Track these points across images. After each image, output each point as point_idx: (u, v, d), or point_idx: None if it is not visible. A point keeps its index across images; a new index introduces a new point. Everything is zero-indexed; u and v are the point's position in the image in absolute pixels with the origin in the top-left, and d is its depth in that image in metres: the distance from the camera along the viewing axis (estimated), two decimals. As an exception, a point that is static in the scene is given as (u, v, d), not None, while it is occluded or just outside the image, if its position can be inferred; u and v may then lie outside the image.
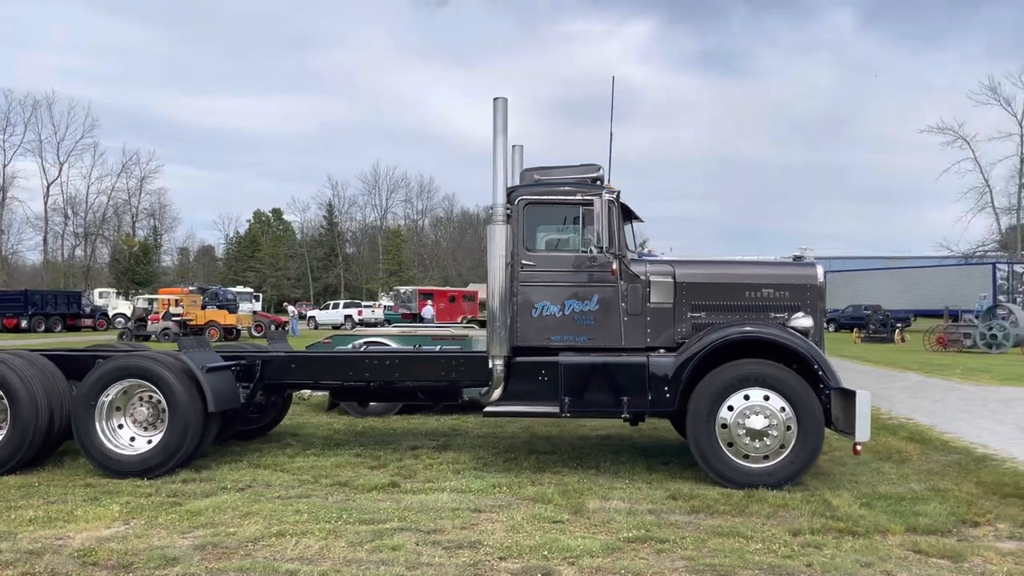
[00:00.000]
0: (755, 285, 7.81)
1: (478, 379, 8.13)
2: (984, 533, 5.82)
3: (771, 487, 7.00)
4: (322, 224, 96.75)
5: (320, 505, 6.44)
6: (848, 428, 7.15)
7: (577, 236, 7.86)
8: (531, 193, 7.84)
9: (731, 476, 7.13)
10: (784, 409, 7.11)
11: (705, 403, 7.19)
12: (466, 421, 11.04)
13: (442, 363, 8.23)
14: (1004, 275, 42.91)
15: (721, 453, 7.17)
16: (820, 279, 7.88)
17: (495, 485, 7.16)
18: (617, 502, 6.63)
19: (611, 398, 7.37)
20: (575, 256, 7.74)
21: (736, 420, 7.14)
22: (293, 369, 8.49)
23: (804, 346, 7.27)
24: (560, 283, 7.73)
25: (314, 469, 7.91)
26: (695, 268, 7.91)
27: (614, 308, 7.68)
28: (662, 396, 7.30)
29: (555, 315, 7.71)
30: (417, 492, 6.94)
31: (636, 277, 7.69)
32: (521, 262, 7.72)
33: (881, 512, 6.27)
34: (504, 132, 7.56)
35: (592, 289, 7.70)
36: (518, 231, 7.74)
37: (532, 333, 7.72)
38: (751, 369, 7.21)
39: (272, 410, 9.61)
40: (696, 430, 7.21)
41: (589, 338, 7.68)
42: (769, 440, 7.09)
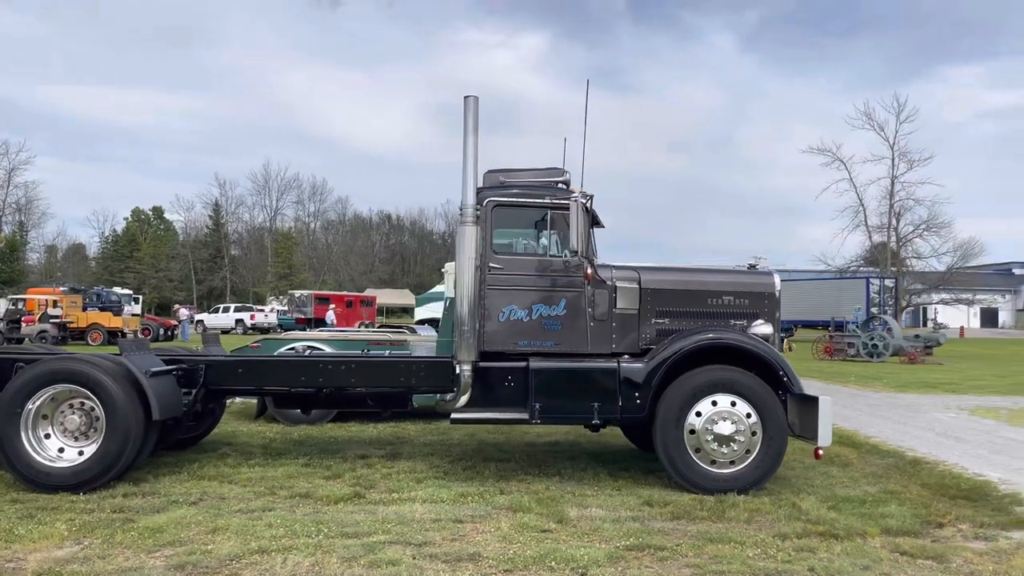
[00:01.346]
0: (717, 292, 7.93)
1: (441, 385, 7.90)
2: (951, 534, 6.07)
3: (737, 492, 7.10)
4: (207, 224, 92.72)
5: (291, 518, 6.05)
6: (808, 433, 7.35)
7: (546, 239, 7.78)
8: (501, 195, 7.70)
9: (698, 482, 7.19)
10: (750, 415, 7.23)
11: (674, 409, 7.23)
12: (406, 428, 10.73)
13: (403, 369, 7.95)
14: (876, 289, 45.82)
15: (689, 459, 7.22)
16: (778, 287, 8.09)
17: (464, 494, 6.95)
18: (596, 509, 6.55)
19: (582, 404, 7.30)
20: (544, 260, 7.64)
21: (704, 426, 7.21)
22: (240, 374, 7.98)
23: (771, 353, 7.43)
24: (528, 287, 7.61)
25: (265, 480, 7.46)
26: (660, 274, 7.96)
27: (581, 313, 7.63)
28: (633, 402, 7.29)
29: (523, 319, 7.58)
30: (387, 503, 6.65)
31: (603, 282, 7.67)
32: (489, 265, 7.56)
33: (850, 515, 6.45)
34: (475, 131, 7.39)
35: (560, 294, 7.62)
36: (486, 233, 7.57)
37: (499, 338, 7.57)
38: (719, 375, 7.30)
39: (208, 418, 9.03)
40: (665, 436, 7.23)
41: (556, 343, 7.59)
42: (736, 446, 7.19)
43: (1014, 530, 6.19)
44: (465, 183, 7.36)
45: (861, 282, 48.04)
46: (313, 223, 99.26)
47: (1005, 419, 12.92)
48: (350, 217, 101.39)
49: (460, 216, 7.39)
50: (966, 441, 10.51)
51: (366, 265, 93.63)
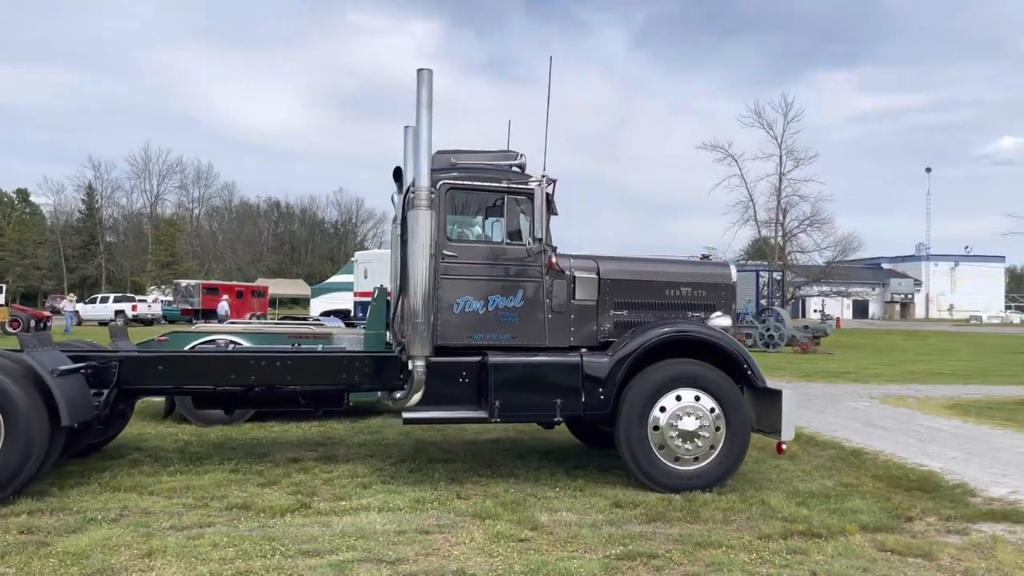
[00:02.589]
0: (675, 283, 7.67)
1: (388, 382, 7.32)
2: (924, 528, 6.01)
3: (702, 489, 6.88)
4: (80, 209, 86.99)
5: (237, 535, 5.36)
6: (769, 427, 7.22)
7: (503, 226, 7.31)
8: (455, 177, 7.17)
9: (662, 480, 6.92)
10: (714, 410, 7.01)
11: (638, 405, 6.92)
12: (333, 427, 10.04)
13: (345, 365, 7.30)
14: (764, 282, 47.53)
15: (653, 456, 6.94)
16: (734, 278, 7.92)
17: (419, 500, 6.42)
18: (566, 513, 6.16)
19: (544, 401, 6.88)
20: (502, 248, 7.18)
21: (668, 422, 6.93)
22: (160, 372, 7.13)
23: (735, 346, 7.24)
24: (484, 277, 7.13)
25: (191, 490, 6.68)
26: (619, 264, 7.64)
27: (539, 305, 7.21)
28: (596, 398, 6.93)
29: (478, 311, 7.09)
30: (339, 513, 6.04)
31: (561, 272, 7.27)
32: (443, 253, 7.03)
33: (821, 511, 6.31)
34: (429, 107, 6.82)
35: (517, 284, 7.17)
36: (440, 219, 7.03)
37: (453, 331, 7.06)
38: (684, 369, 7.04)
39: (118, 421, 8.10)
40: (628, 433, 6.91)
41: (513, 336, 7.15)
42: (701, 442, 6.95)
43: (981, 522, 6.20)
44: (419, 163, 6.79)
45: (751, 275, 49.78)
46: (197, 209, 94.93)
47: (916, 407, 13.39)
48: (237, 204, 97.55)
49: (412, 199, 6.82)
50: (892, 430, 10.75)
51: (254, 254, 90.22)
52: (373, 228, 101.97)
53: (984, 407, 13.44)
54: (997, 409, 13.15)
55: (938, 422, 11.63)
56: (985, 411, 12.90)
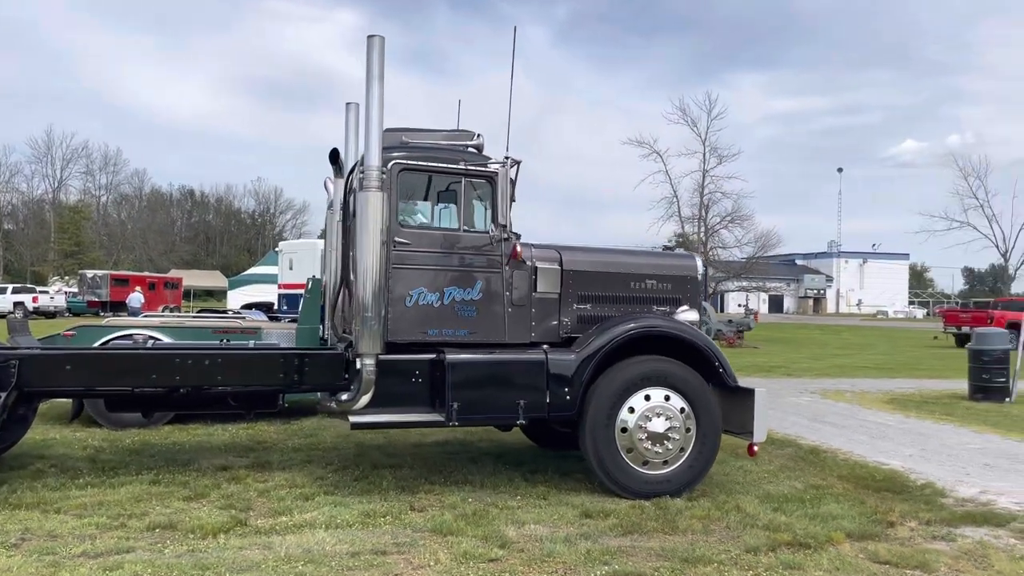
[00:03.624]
0: (640, 275, 7.23)
1: (331, 382, 6.63)
2: (908, 534, 5.72)
3: (671, 495, 6.46)
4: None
5: (163, 563, 4.62)
6: (740, 428, 6.87)
7: (459, 211, 6.72)
8: (408, 156, 6.52)
9: (630, 485, 6.46)
10: (684, 410, 6.60)
11: (605, 405, 6.45)
12: (264, 430, 9.24)
13: (284, 363, 6.56)
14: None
15: (620, 460, 6.47)
16: (701, 271, 7.54)
17: (369, 514, 5.78)
18: (534, 526, 5.62)
19: (506, 402, 6.32)
20: (461, 235, 6.59)
21: (637, 423, 6.48)
22: (68, 372, 6.24)
23: (707, 343, 6.84)
24: (440, 267, 6.52)
25: (106, 507, 5.87)
26: (582, 255, 7.14)
27: (498, 297, 6.65)
28: (562, 398, 6.41)
29: (433, 304, 6.48)
30: (280, 531, 5.34)
31: (522, 263, 6.72)
32: (394, 240, 6.38)
33: (801, 518, 5.97)
34: (380, 78, 6.16)
35: (476, 275, 6.59)
36: (391, 202, 6.39)
37: (406, 326, 6.43)
38: (654, 367, 6.60)
39: (18, 426, 7.15)
40: (595, 436, 6.43)
41: (470, 332, 6.57)
42: (670, 444, 6.53)
43: (962, 526, 5.96)
44: (369, 140, 6.13)
45: (674, 270, 50.44)
46: (105, 197, 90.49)
47: (856, 402, 13.40)
48: (148, 192, 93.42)
49: (361, 180, 6.15)
50: (842, 426, 10.61)
51: (166, 244, 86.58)
52: (293, 219, 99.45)
53: (920, 402, 13.56)
54: (933, 404, 13.27)
55: (883, 417, 11.60)
56: (923, 406, 12.99)
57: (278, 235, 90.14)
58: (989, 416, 11.91)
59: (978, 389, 13.61)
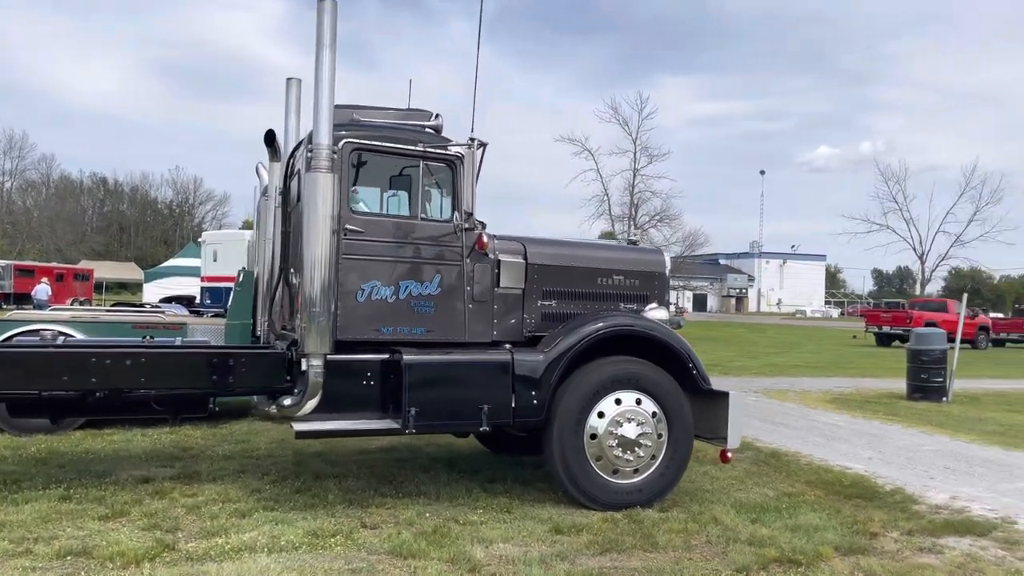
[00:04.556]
0: (607, 271, 6.77)
1: (270, 384, 5.96)
2: (895, 547, 5.41)
3: (642, 505, 6.04)
4: None
5: (77, 603, 3.92)
6: (711, 433, 6.50)
7: (416, 197, 6.14)
8: (361, 135, 5.90)
9: (599, 496, 6.00)
10: (656, 414, 6.18)
11: (573, 410, 5.97)
12: (189, 435, 8.43)
13: (217, 363, 5.84)
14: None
15: (589, 469, 6.01)
16: (668, 267, 7.13)
17: (317, 534, 5.15)
18: (503, 545, 5.09)
19: (469, 407, 5.76)
20: (419, 224, 6.00)
21: (608, 429, 6.03)
22: (-36, 373, 5.40)
23: (681, 343, 6.43)
24: (396, 258, 5.93)
25: (6, 528, 5.08)
26: (548, 248, 6.64)
27: (458, 292, 6.09)
28: (529, 403, 5.90)
29: (387, 299, 5.88)
30: (216, 557, 4.67)
31: (484, 256, 6.18)
32: (345, 227, 5.76)
33: (782, 530, 5.61)
34: (332, 45, 5.54)
35: (434, 268, 6.02)
36: (342, 185, 5.76)
37: (357, 323, 5.81)
38: (625, 368, 6.16)
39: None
40: (562, 443, 5.94)
41: (428, 330, 6.00)
42: (642, 451, 6.09)
43: (944, 536, 5.70)
44: (318, 114, 5.49)
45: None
46: (9, 183, 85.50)
47: (800, 402, 13.34)
48: (56, 179, 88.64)
49: (309, 159, 5.51)
50: (795, 427, 10.43)
51: (76, 234, 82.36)
52: (213, 210, 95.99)
53: (862, 401, 13.59)
54: (875, 403, 13.31)
55: (831, 418, 11.50)
56: (865, 405, 13.00)
57: (197, 226, 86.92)
58: (931, 416, 11.96)
59: (916, 389, 13.72)
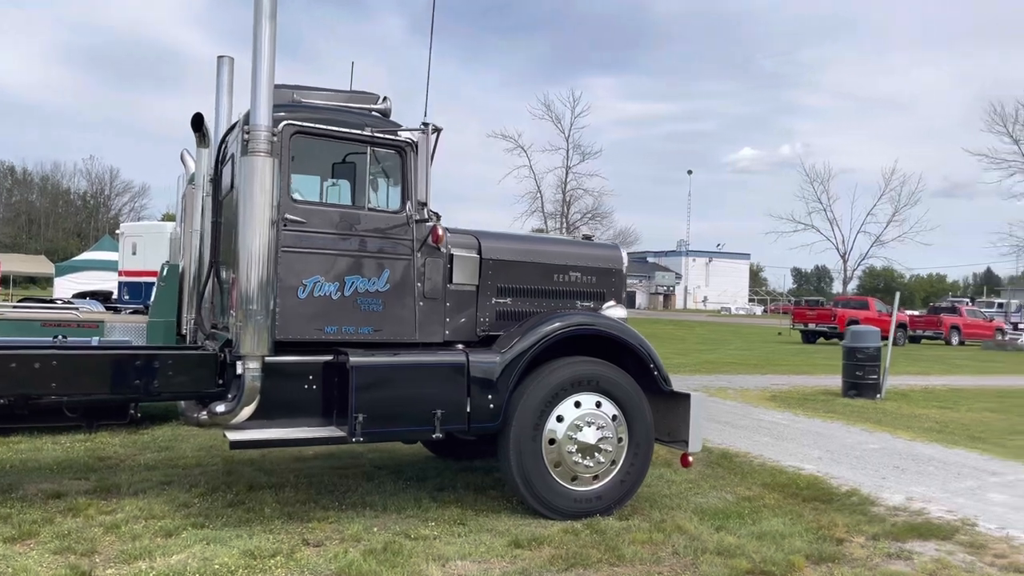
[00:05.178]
0: (564, 267, 6.44)
1: (200, 389, 5.43)
2: (864, 553, 5.25)
3: (601, 513, 5.75)
4: None
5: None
6: (670, 436, 6.27)
7: (362, 185, 5.70)
8: (302, 118, 5.42)
9: (558, 505, 5.68)
10: (616, 417, 5.90)
11: (531, 414, 5.63)
12: (106, 442, 7.72)
13: (140, 366, 5.28)
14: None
15: (548, 477, 5.67)
16: (626, 263, 6.85)
17: (254, 554, 4.67)
18: (461, 563, 4.71)
19: (421, 413, 5.36)
20: (367, 214, 5.56)
21: (567, 434, 5.71)
22: None
23: (642, 343, 6.15)
24: (341, 251, 5.47)
25: None
26: (503, 242, 6.27)
27: (408, 289, 5.67)
28: (485, 407, 5.52)
29: (331, 296, 5.42)
30: (140, 585, 4.16)
31: (436, 249, 5.78)
32: (285, 217, 5.27)
33: (748, 538, 5.39)
34: (273, 16, 5.05)
35: (383, 262, 5.58)
36: (283, 171, 5.27)
37: (298, 321, 5.33)
38: (585, 369, 5.84)
39: None
40: (520, 449, 5.59)
41: (375, 329, 5.56)
42: (602, 456, 5.80)
43: (909, 540, 5.58)
44: (257, 93, 5.00)
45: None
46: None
47: (741, 399, 13.31)
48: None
49: (246, 142, 5.00)
50: (740, 427, 10.33)
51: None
52: (131, 202, 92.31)
53: (800, 399, 13.65)
54: (812, 401, 13.39)
55: (774, 416, 11.47)
56: (804, 403, 13.06)
57: (114, 218, 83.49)
58: (868, 413, 12.06)
59: (852, 386, 13.87)
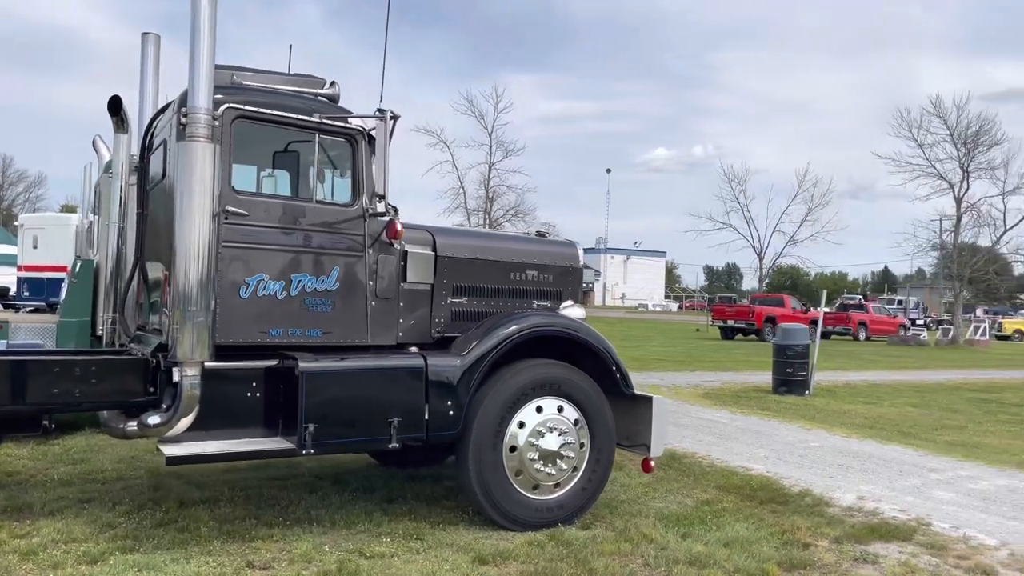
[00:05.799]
0: (521, 265, 6.17)
1: (127, 398, 4.92)
2: (832, 558, 5.15)
3: (563, 522, 5.50)
4: None
5: None
6: (629, 440, 6.07)
7: (308, 176, 5.28)
8: (245, 101, 4.96)
9: (519, 515, 5.40)
10: (578, 422, 5.66)
11: (492, 420, 5.33)
12: (13, 454, 7.06)
13: (58, 372, 4.73)
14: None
15: (509, 486, 5.39)
16: (582, 261, 6.63)
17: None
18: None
19: (376, 422, 4.98)
20: (314, 207, 5.15)
21: (528, 440, 5.44)
22: None
23: (605, 345, 5.92)
24: (287, 247, 5.04)
25: None
26: (459, 238, 5.97)
27: (359, 288, 5.29)
28: (444, 414, 5.19)
29: (277, 296, 4.99)
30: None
31: (389, 246, 5.41)
32: (226, 209, 4.81)
33: (716, 545, 5.23)
34: (213, -9, 4.59)
35: (333, 259, 5.18)
36: (224, 159, 4.81)
37: (240, 323, 4.88)
38: (547, 373, 5.57)
39: None
40: (480, 458, 5.29)
41: (324, 331, 5.16)
42: (564, 463, 5.55)
43: (872, 542, 5.52)
44: (196, 72, 4.54)
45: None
46: None
47: (676, 397, 13.29)
48: None
49: (183, 126, 4.54)
50: (682, 425, 10.26)
51: None
52: (26, 192, 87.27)
53: (733, 396, 13.77)
54: (745, 398, 13.52)
55: (713, 414, 11.49)
56: (738, 400, 13.17)
57: (7, 209, 78.80)
58: (800, 410, 12.24)
59: (782, 383, 14.07)
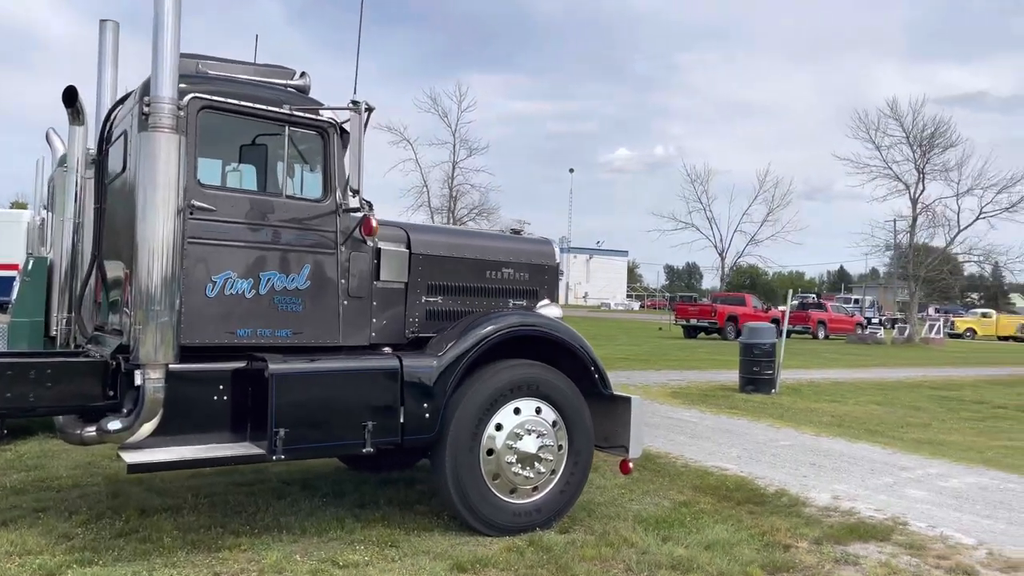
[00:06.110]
0: (496, 263, 6.02)
1: (85, 402, 4.68)
2: (813, 560, 5.10)
3: (540, 527, 5.38)
4: None
5: None
6: (610, 441, 5.97)
7: (276, 170, 5.08)
8: (211, 91, 4.74)
9: (497, 520, 5.26)
10: (556, 423, 5.53)
11: (469, 423, 5.18)
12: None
13: (12, 375, 4.47)
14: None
15: (486, 490, 5.24)
16: (559, 259, 6.50)
17: (158, 594, 4.02)
18: (402, 594, 4.22)
19: (349, 425, 4.80)
20: (284, 202, 4.95)
21: (506, 443, 5.30)
22: None
23: (584, 345, 5.79)
24: (256, 244, 4.83)
25: None
26: (433, 236, 5.79)
27: (331, 287, 5.10)
28: (420, 417, 5.02)
29: (245, 295, 4.78)
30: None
31: (362, 243, 5.23)
32: (192, 204, 4.59)
33: (697, 548, 5.14)
34: (178, -25, 4.36)
35: (303, 256, 4.99)
36: (190, 151, 4.59)
37: (206, 323, 4.67)
38: (525, 373, 5.43)
39: None
40: (456, 461, 5.13)
41: (294, 331, 4.96)
42: (542, 466, 5.41)
43: (851, 543, 5.49)
44: (159, 60, 4.32)
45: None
46: None
47: (644, 396, 13.18)
48: None
49: (145, 116, 4.31)
50: (653, 425, 10.18)
51: None
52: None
53: (701, 395, 13.77)
54: (712, 397, 13.53)
55: (682, 414, 11.46)
56: (706, 399, 13.17)
57: (-46, 206, 76.48)
58: (768, 408, 12.26)
59: (749, 381, 14.12)
